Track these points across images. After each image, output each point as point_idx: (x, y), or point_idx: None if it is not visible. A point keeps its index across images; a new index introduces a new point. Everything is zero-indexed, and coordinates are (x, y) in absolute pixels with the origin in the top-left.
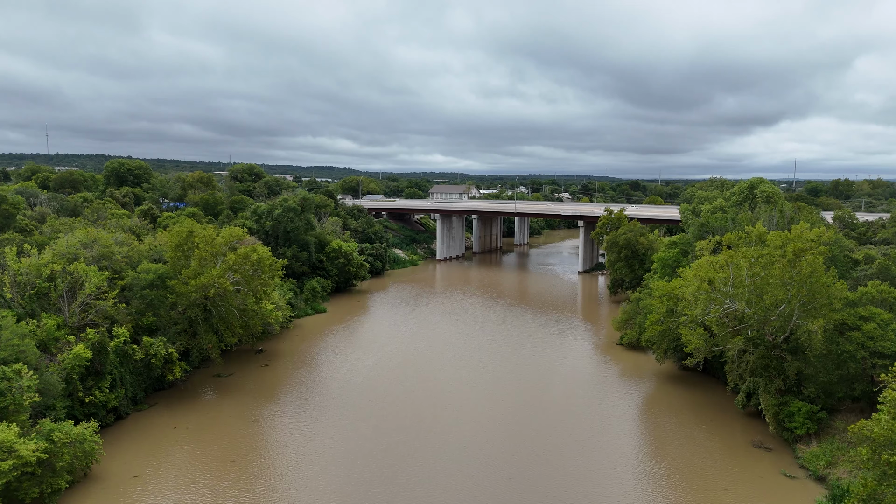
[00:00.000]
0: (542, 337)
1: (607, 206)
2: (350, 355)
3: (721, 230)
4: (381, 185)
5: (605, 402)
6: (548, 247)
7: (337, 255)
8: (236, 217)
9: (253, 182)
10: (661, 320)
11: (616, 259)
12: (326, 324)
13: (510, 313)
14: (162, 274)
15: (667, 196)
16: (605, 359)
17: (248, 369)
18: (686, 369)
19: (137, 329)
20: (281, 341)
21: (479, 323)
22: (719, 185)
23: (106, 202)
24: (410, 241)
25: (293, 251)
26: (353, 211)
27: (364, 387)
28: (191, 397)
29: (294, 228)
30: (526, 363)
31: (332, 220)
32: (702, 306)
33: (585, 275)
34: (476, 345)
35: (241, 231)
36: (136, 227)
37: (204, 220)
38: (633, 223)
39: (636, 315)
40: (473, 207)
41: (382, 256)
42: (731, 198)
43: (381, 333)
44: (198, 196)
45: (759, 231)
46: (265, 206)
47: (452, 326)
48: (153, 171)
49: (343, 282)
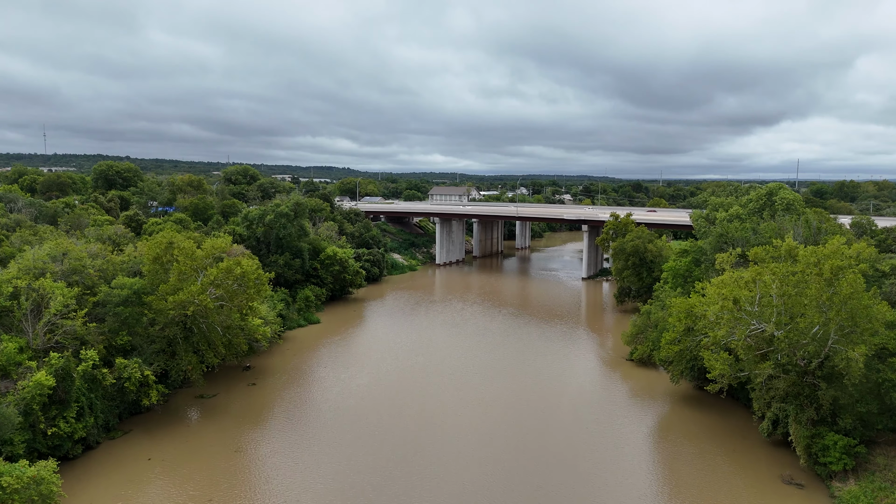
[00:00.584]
0: (546, 351)
1: (613, 212)
2: (343, 373)
3: (742, 241)
4: (381, 185)
5: (616, 428)
6: (550, 250)
7: (332, 262)
8: (227, 222)
9: (247, 184)
10: (677, 339)
11: (623, 267)
12: (319, 336)
13: (512, 324)
14: (138, 289)
15: (669, 198)
16: (615, 376)
17: (234, 389)
18: (702, 389)
19: (111, 349)
20: (270, 357)
21: (480, 335)
22: (733, 191)
23: (88, 208)
24: (409, 246)
25: (285, 259)
26: (350, 215)
27: (357, 410)
28: (170, 422)
29: (286, 235)
30: (530, 382)
31: (327, 224)
32: (726, 328)
33: (589, 281)
34: (477, 361)
35: (225, 242)
36: (115, 235)
37: (192, 226)
38: (641, 228)
39: (647, 329)
40: (474, 211)
41: (380, 262)
42: (749, 205)
43: (376, 347)
44: (187, 200)
45: (789, 245)
46: (256, 212)
47: (452, 339)
48: (147, 173)
49: (338, 290)
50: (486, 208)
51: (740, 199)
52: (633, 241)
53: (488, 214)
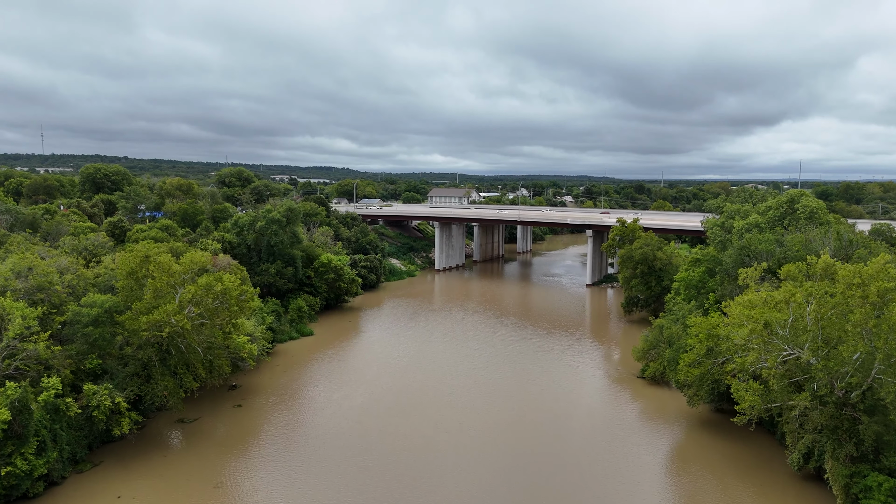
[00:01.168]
0: (552, 367)
1: (620, 217)
2: (336, 392)
3: (767, 255)
4: (380, 186)
5: (629, 457)
6: (552, 254)
7: (326, 269)
8: (218, 228)
9: (241, 187)
10: (698, 361)
11: (631, 275)
12: (312, 349)
13: (515, 336)
14: (110, 307)
15: (672, 199)
16: (625, 395)
17: (218, 411)
18: (722, 411)
19: (80, 374)
20: (258, 374)
21: (481, 349)
22: (747, 197)
23: (69, 214)
24: (408, 250)
25: (277, 267)
26: (347, 219)
27: (351, 435)
28: (145, 451)
29: (278, 242)
30: (535, 402)
31: (322, 230)
32: (755, 354)
33: (594, 288)
34: (479, 379)
35: (205, 256)
36: (93, 245)
37: (180, 233)
38: (649, 234)
39: (659, 344)
40: (475, 215)
41: (377, 268)
42: (768, 213)
43: (372, 362)
44: (175, 205)
45: (825, 263)
46: (247, 218)
47: (452, 353)
48: (143, 174)
49: (333, 298)
50: (488, 212)
51: (758, 205)
52: (642, 248)
53: (489, 219)
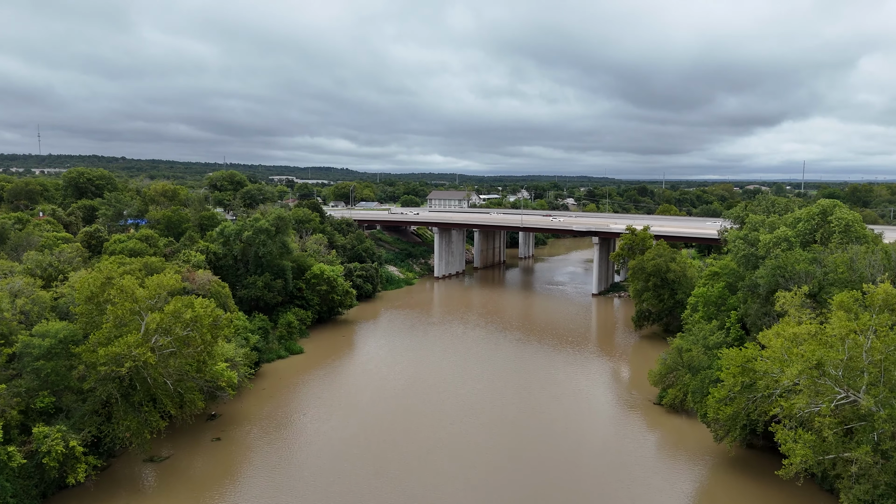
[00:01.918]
0: (560, 393)
1: (629, 226)
2: (326, 422)
3: (806, 276)
4: (378, 188)
5: (650, 500)
6: (554, 259)
7: (319, 281)
8: (204, 237)
9: (234, 191)
10: (730, 397)
11: (642, 288)
12: (302, 369)
13: (519, 354)
14: (65, 337)
15: (676, 202)
16: (642, 426)
17: (195, 445)
18: (753, 447)
19: (30, 413)
20: (241, 401)
21: (483, 369)
22: (769, 206)
23: (42, 223)
24: (406, 257)
25: (265, 279)
26: (342, 225)
27: (341, 475)
28: (109, 496)
29: (266, 253)
30: (545, 435)
31: (315, 237)
32: (805, 399)
33: (600, 297)
34: (482, 406)
35: (174, 279)
36: (59, 261)
37: (162, 242)
38: (660, 244)
39: (678, 368)
40: (475, 220)
41: (373, 277)
42: (798, 225)
43: (366, 385)
44: (158, 213)
45: (887, 292)
46: (233, 226)
47: (452, 374)
48: (137, 177)
49: (326, 311)
50: (488, 217)
51: (784, 216)
52: (654, 259)
53: (491, 224)
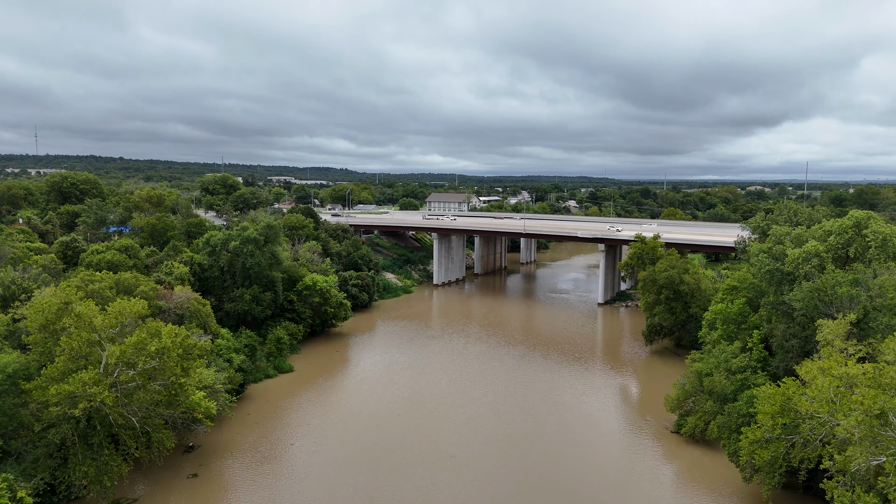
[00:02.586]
0: (569, 418)
1: (638, 234)
2: (315, 453)
3: (850, 302)
4: (377, 190)
5: None
6: (557, 265)
7: (311, 292)
8: (191, 245)
9: (227, 194)
10: (767, 439)
11: (654, 301)
12: (291, 390)
13: (523, 372)
14: (14, 372)
15: (680, 204)
16: (659, 459)
17: (168, 483)
18: (789, 487)
19: None
20: (224, 428)
21: (486, 390)
22: (792, 215)
23: (14, 233)
24: (404, 263)
25: (253, 292)
26: (337, 231)
27: None
28: None
29: (254, 264)
30: (553, 466)
31: (308, 245)
32: (864, 454)
33: (607, 307)
34: (484, 433)
35: (140, 305)
36: (22, 278)
37: (143, 254)
38: (671, 253)
39: (699, 394)
40: (476, 226)
41: (369, 287)
42: (829, 238)
43: (360, 408)
44: (142, 220)
45: None
46: (220, 236)
47: (452, 395)
48: (137, 175)
49: (319, 324)
50: (490, 223)
51: (812, 228)
52: (667, 270)
53: (492, 230)
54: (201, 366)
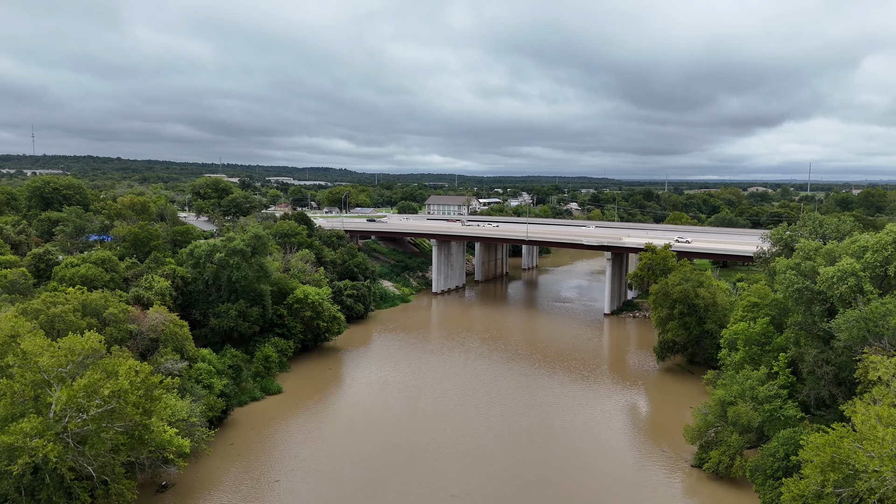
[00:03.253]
0: (580, 448)
1: (648, 244)
2: (301, 492)
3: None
4: (375, 192)
5: None
6: (559, 270)
7: (302, 306)
8: (176, 255)
9: (219, 198)
10: (816, 493)
11: (667, 317)
12: (279, 414)
13: (529, 393)
14: None
15: (683, 206)
16: (679, 495)
17: None
18: None
19: None
20: (202, 462)
21: (488, 413)
22: (816, 226)
23: None
24: (402, 270)
25: (240, 307)
26: (332, 238)
27: None
28: None
29: (241, 278)
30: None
31: (301, 254)
32: None
33: (613, 318)
34: (488, 464)
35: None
36: None
37: (122, 266)
38: (684, 264)
39: (722, 424)
40: (477, 233)
41: (365, 297)
42: (865, 255)
43: (352, 436)
44: (125, 229)
45: None
46: (204, 247)
47: (452, 420)
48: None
49: (311, 339)
50: (491, 230)
51: (845, 243)
52: (681, 284)
53: (494, 237)
54: (174, 397)
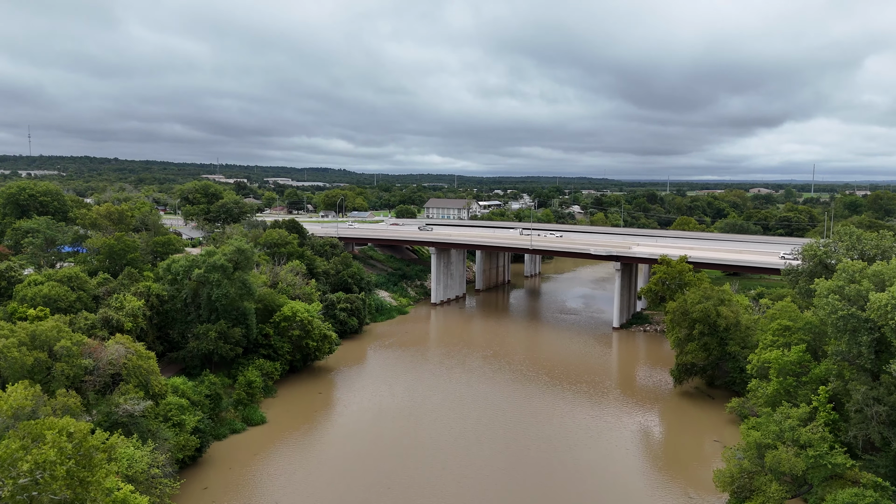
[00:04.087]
0: (595, 487)
1: (663, 256)
2: None
3: None
4: (373, 194)
5: None
6: (562, 277)
7: (290, 324)
8: (153, 269)
9: (208, 204)
10: None
11: (686, 337)
12: (261, 449)
13: (535, 422)
14: None
15: (687, 209)
16: None
17: None
18: None
19: None
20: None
21: (492, 448)
22: (853, 242)
23: None
24: (399, 278)
25: (221, 328)
26: (325, 247)
27: None
28: None
29: (221, 296)
30: None
31: (291, 265)
32: None
33: (622, 332)
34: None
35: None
36: None
37: (91, 284)
38: (701, 278)
39: (759, 471)
40: (478, 241)
41: (360, 310)
42: None
43: (342, 477)
44: (100, 241)
45: None
46: (183, 262)
47: (451, 457)
48: (131, 177)
49: (300, 359)
50: (494, 237)
51: (893, 263)
52: (701, 303)
53: (495, 246)
54: (133, 444)
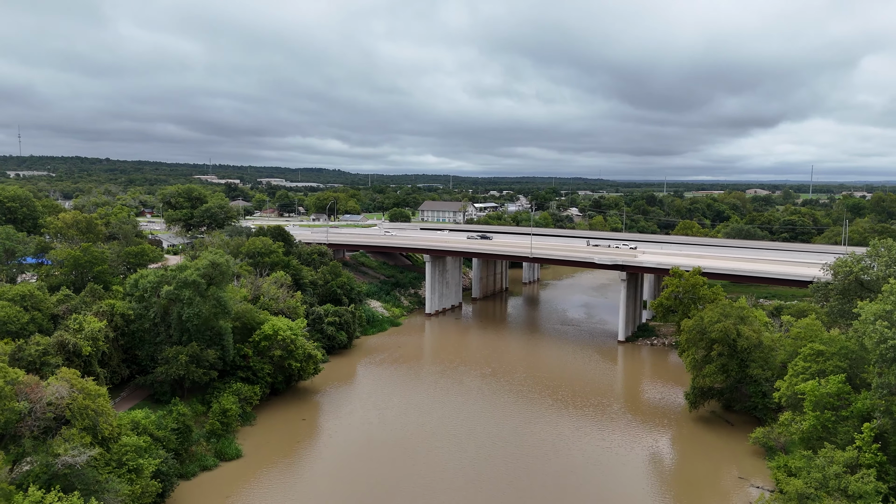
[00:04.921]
0: None
1: (675, 268)
2: None
3: None
4: (367, 196)
5: None
6: (561, 284)
7: (271, 343)
8: (123, 282)
9: (192, 209)
10: None
11: (704, 359)
12: (233, 490)
13: (537, 454)
14: None
15: (687, 212)
16: None
17: None
18: None
19: None
20: None
21: (490, 488)
22: (892, 259)
23: None
24: (392, 287)
25: (192, 350)
26: (313, 256)
27: None
28: None
29: (193, 315)
30: None
31: (275, 276)
32: None
33: (628, 345)
34: None
35: None
36: None
37: (49, 302)
38: (717, 292)
39: None
40: (475, 249)
41: (350, 324)
42: None
43: None
44: (64, 252)
45: None
46: (151, 277)
47: (448, 498)
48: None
49: (282, 381)
50: (492, 245)
51: None
52: (720, 321)
53: (493, 254)
54: None
